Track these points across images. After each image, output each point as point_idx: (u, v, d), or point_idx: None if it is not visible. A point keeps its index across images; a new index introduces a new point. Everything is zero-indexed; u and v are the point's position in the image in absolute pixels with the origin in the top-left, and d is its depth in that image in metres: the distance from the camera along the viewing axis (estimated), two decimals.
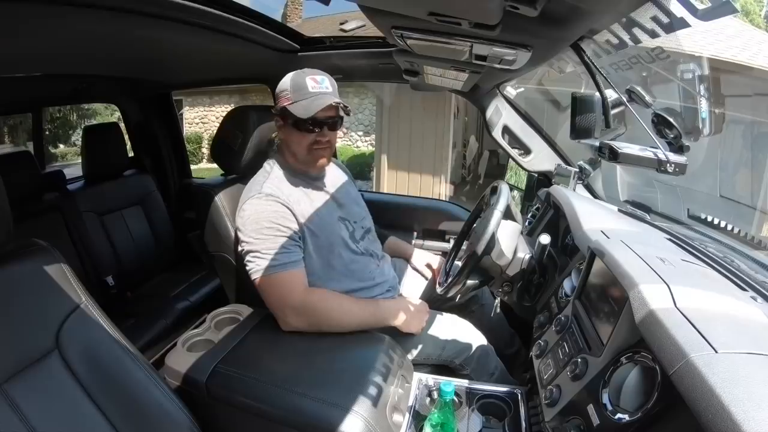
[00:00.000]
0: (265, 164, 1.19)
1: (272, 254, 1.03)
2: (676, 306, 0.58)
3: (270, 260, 1.03)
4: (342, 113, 1.12)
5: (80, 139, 2.03)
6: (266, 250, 1.04)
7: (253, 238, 1.05)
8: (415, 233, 1.88)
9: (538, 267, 1.06)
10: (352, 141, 8.92)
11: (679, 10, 0.65)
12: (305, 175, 1.18)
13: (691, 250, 0.88)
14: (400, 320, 1.11)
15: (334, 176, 1.28)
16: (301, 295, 1.03)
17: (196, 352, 0.99)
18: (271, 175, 1.14)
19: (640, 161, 1.04)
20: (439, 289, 1.06)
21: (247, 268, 1.06)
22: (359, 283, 1.18)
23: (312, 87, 1.08)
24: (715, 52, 3.29)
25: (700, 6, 0.62)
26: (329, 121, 1.11)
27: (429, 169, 5.62)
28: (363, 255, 1.21)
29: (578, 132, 1.12)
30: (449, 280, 1.04)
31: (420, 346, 1.15)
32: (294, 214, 1.08)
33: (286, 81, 1.11)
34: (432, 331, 1.17)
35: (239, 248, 1.10)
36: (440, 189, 5.64)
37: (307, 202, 1.13)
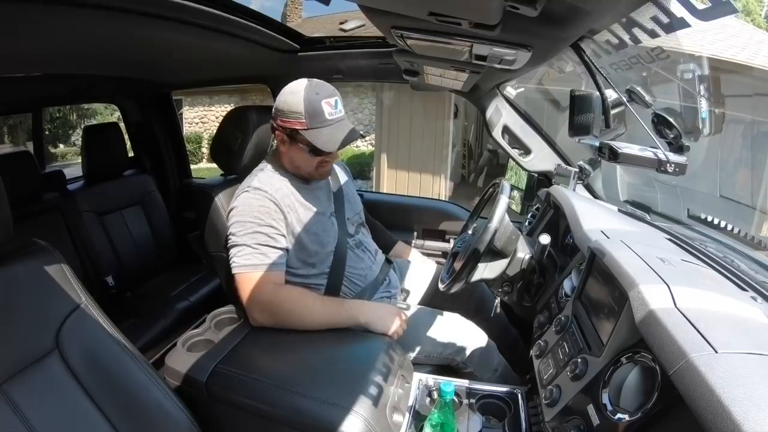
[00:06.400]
0: (260, 164, 1.19)
1: (249, 252, 1.04)
2: (676, 306, 0.58)
3: (245, 258, 1.04)
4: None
5: (80, 139, 2.03)
6: (245, 247, 1.04)
7: (235, 231, 1.05)
8: (415, 233, 1.88)
9: (538, 267, 1.06)
10: None
11: (679, 10, 0.65)
12: (301, 178, 1.18)
13: (691, 250, 0.88)
14: (370, 319, 1.06)
15: (331, 174, 1.28)
16: (267, 294, 1.02)
17: (196, 352, 0.99)
18: (264, 171, 1.15)
19: (640, 161, 1.04)
20: (441, 286, 1.06)
21: (230, 262, 1.06)
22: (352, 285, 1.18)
23: (329, 114, 1.05)
24: (715, 51, 3.29)
25: (700, 6, 0.62)
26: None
27: (428, 169, 5.62)
28: (356, 249, 1.22)
29: (576, 129, 1.12)
30: (452, 277, 1.04)
31: (421, 345, 1.15)
32: (281, 210, 1.08)
33: (298, 102, 1.05)
34: (433, 330, 1.17)
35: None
36: (440, 189, 5.64)
37: (298, 198, 1.13)
